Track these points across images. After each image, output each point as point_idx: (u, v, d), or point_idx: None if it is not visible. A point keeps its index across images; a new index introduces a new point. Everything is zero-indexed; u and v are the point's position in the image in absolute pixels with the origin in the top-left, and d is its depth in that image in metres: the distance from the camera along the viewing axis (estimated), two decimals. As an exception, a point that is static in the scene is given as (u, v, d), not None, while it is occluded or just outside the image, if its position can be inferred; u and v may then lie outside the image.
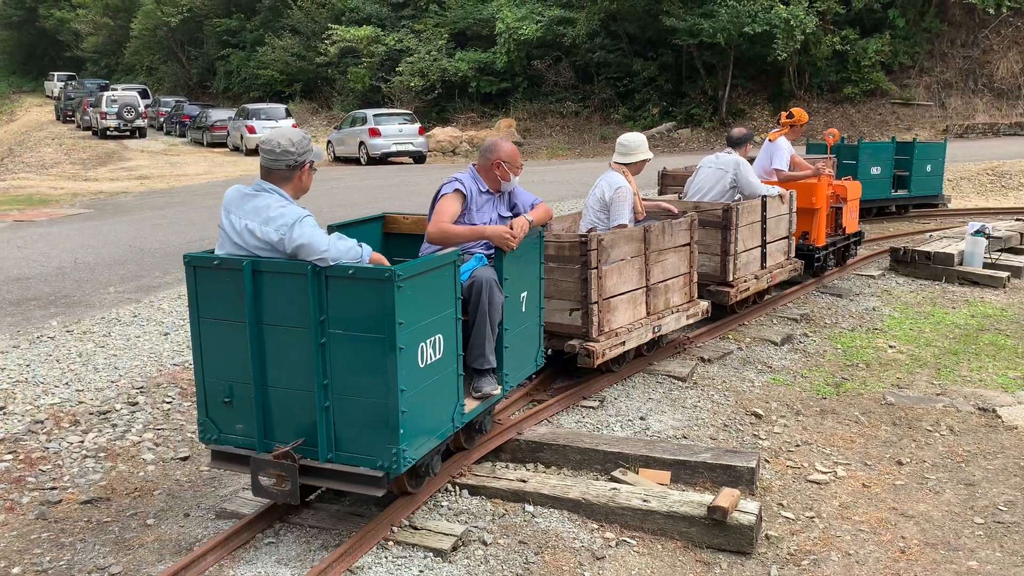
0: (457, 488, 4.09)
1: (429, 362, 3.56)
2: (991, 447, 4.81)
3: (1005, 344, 6.74)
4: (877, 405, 5.46)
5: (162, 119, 36.80)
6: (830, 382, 5.91)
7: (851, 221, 9.05)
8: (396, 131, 24.06)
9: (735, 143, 7.27)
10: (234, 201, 3.58)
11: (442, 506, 3.95)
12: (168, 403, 5.48)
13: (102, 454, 4.73)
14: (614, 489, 4.00)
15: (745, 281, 6.85)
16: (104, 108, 32.67)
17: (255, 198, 3.54)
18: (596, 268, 5.11)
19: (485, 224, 4.31)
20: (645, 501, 3.87)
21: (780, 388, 5.75)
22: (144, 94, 38.80)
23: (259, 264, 3.45)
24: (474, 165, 4.52)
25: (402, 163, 24.57)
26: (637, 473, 4.29)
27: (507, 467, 4.45)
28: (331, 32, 31.37)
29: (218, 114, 31.15)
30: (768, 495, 4.22)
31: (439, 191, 4.37)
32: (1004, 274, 8.66)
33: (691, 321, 6.13)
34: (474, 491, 4.08)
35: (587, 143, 26.65)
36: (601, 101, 28.27)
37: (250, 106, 29.04)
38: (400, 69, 29.40)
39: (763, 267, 7.21)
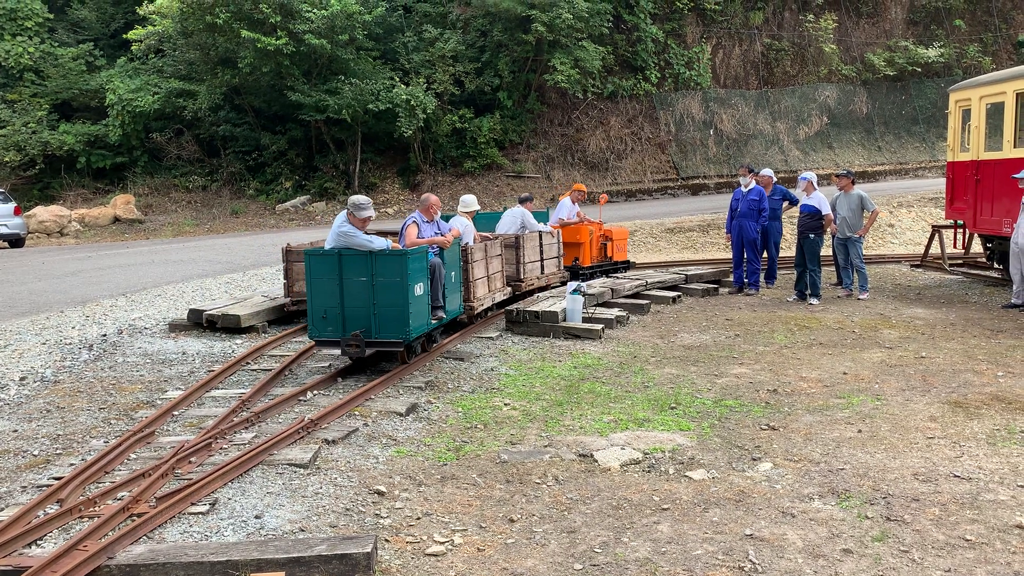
0: (22, 641, 3.44)
1: (418, 294, 7.71)
2: (589, 491, 5.23)
3: (601, 391, 7.49)
4: (493, 464, 5.70)
5: None
6: (451, 447, 6.06)
7: (619, 253, 13.93)
8: (-15, 212, 20.99)
9: (522, 201, 11.94)
10: (337, 223, 7.73)
11: (0, 668, 3.28)
12: None
13: None
14: (218, 605, 3.64)
15: (531, 280, 11.29)
16: None
17: (343, 224, 7.68)
18: (470, 264, 9.33)
19: (432, 237, 8.44)
20: (252, 612, 3.58)
21: (404, 460, 5.77)
22: None
23: (343, 252, 7.55)
24: (419, 210, 8.63)
25: (-5, 248, 21.42)
26: (249, 580, 3.97)
27: (94, 601, 3.86)
28: None
29: None
30: (387, 578, 4.13)
31: (404, 224, 8.47)
32: (599, 326, 9.72)
33: (505, 297, 10.62)
34: (45, 640, 3.47)
35: (217, 218, 25.49)
36: (230, 175, 27.33)
37: None
38: (-9, 142, 25.81)
39: (542, 273, 11.69)
